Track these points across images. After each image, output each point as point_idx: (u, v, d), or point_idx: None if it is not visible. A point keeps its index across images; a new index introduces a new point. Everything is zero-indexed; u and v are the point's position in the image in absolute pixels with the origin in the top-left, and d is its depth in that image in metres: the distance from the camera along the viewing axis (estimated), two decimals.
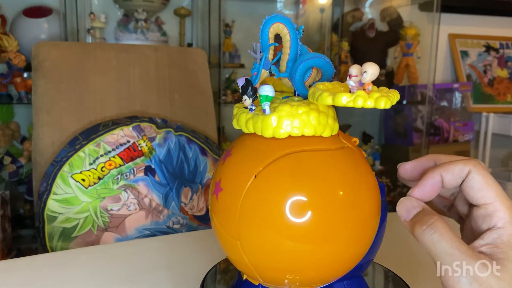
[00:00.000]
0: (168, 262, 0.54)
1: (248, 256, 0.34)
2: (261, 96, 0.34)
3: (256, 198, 0.33)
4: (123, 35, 1.64)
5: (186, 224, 0.92)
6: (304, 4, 1.93)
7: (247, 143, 0.36)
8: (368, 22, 1.93)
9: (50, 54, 0.94)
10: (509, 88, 2.25)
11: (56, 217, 0.84)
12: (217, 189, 0.35)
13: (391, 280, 0.45)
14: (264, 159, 0.34)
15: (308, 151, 0.34)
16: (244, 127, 0.35)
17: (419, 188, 0.32)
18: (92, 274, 0.51)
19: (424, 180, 0.32)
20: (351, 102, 0.30)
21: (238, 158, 0.36)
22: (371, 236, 0.35)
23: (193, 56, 1.11)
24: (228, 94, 1.74)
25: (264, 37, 0.38)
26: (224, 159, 0.37)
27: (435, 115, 2.02)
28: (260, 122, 0.34)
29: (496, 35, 2.28)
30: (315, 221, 0.32)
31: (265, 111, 0.34)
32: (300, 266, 0.34)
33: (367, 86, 0.31)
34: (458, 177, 0.31)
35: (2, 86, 1.45)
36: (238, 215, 0.33)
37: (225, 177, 0.35)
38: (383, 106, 0.30)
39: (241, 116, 0.36)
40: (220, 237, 0.36)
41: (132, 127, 0.91)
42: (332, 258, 0.34)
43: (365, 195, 0.34)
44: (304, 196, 0.32)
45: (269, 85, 0.34)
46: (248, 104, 0.35)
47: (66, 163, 0.85)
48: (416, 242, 0.31)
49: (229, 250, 0.36)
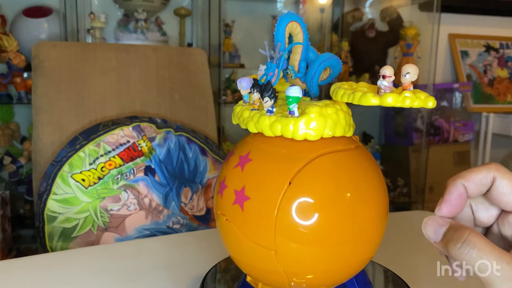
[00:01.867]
0: (168, 262, 0.54)
1: (284, 264, 0.33)
2: (290, 98, 0.33)
3: (295, 205, 0.32)
4: (123, 35, 1.64)
5: (186, 224, 0.92)
6: (304, 4, 1.93)
7: (271, 148, 0.34)
8: (368, 22, 1.93)
9: (50, 54, 0.94)
10: (509, 88, 2.25)
11: (56, 217, 0.84)
12: (240, 198, 0.33)
13: (391, 280, 0.45)
14: (296, 163, 0.32)
15: (337, 151, 0.34)
16: (268, 131, 0.33)
17: (445, 203, 0.30)
18: (92, 274, 0.51)
19: (448, 195, 0.30)
20: (399, 102, 0.30)
21: (263, 163, 0.34)
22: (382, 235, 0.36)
23: (193, 56, 1.11)
24: (228, 94, 1.74)
25: (280, 35, 0.36)
26: (242, 165, 0.34)
27: (435, 115, 2.02)
28: (291, 125, 0.32)
29: (496, 35, 2.28)
30: (352, 221, 0.33)
31: (294, 113, 0.33)
32: (331, 268, 0.34)
33: (409, 86, 0.30)
34: (482, 185, 0.30)
35: (2, 86, 1.45)
36: (274, 224, 0.32)
37: (250, 185, 0.33)
38: (431, 105, 0.30)
39: (261, 118, 0.34)
40: (246, 247, 0.34)
41: (132, 127, 0.91)
42: (358, 257, 0.35)
43: (381, 193, 0.35)
44: (344, 198, 0.32)
45: (297, 86, 0.33)
46: (269, 106, 0.34)
47: (66, 163, 0.85)
48: (416, 242, 0.31)
49: (259, 260, 0.34)
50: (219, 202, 0.36)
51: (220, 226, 0.37)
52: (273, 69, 0.36)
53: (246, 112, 0.36)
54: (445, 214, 0.30)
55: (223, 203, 0.35)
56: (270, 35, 1.86)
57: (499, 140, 2.13)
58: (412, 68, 0.30)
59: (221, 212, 0.35)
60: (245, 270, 0.38)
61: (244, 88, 0.37)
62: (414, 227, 0.64)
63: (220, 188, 0.36)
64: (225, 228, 0.35)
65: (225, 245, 0.38)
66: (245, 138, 0.38)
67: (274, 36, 0.36)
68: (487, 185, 0.30)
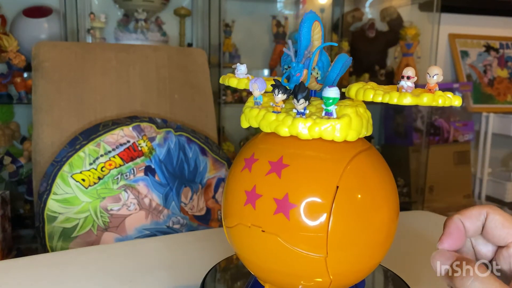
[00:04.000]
0: (168, 262, 0.54)
1: (333, 268, 0.32)
2: (330, 99, 0.32)
3: (348, 209, 0.32)
4: (123, 35, 1.64)
5: (186, 224, 0.92)
6: (304, 4, 1.93)
7: (307, 151, 0.33)
8: (368, 22, 1.93)
9: (50, 54, 0.94)
10: (509, 88, 2.25)
11: (56, 217, 0.84)
12: (284, 206, 0.31)
13: (391, 280, 0.45)
14: (339, 165, 0.32)
15: (365, 150, 0.35)
16: (307, 133, 0.32)
17: (446, 237, 0.32)
18: (92, 274, 0.51)
19: (448, 229, 0.32)
20: (434, 101, 0.31)
21: (304, 168, 0.33)
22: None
23: (193, 56, 1.11)
24: (228, 94, 1.74)
25: (307, 35, 0.35)
26: (277, 172, 0.32)
27: (435, 115, 2.02)
28: (332, 126, 0.32)
29: (496, 35, 2.28)
30: (390, 217, 0.34)
31: (332, 114, 0.32)
32: (369, 265, 0.35)
33: (435, 87, 0.32)
34: (477, 221, 0.32)
35: (2, 86, 1.45)
36: (328, 230, 0.31)
37: (294, 192, 0.32)
38: (457, 104, 0.32)
39: (295, 122, 0.32)
40: (288, 257, 0.32)
41: (132, 127, 0.91)
42: (383, 254, 0.36)
43: (395, 191, 0.36)
44: (383, 195, 0.34)
45: (335, 87, 0.32)
46: (302, 108, 0.32)
47: (66, 163, 0.85)
48: (416, 242, 0.31)
49: (301, 268, 0.33)
50: (248, 214, 0.33)
51: (249, 239, 0.34)
52: (300, 69, 0.34)
53: (271, 115, 0.33)
54: (447, 247, 0.32)
55: (258, 214, 0.33)
56: (270, 35, 1.86)
57: (499, 140, 2.13)
58: (439, 69, 0.32)
59: (254, 224, 0.33)
60: (270, 280, 0.36)
61: (259, 89, 0.35)
62: (414, 227, 0.64)
63: (250, 198, 0.33)
64: (259, 240, 0.33)
65: (249, 258, 0.35)
66: (261, 143, 0.36)
67: (300, 35, 0.35)
68: (482, 221, 0.32)
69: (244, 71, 0.39)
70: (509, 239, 0.31)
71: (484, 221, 0.32)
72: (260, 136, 0.37)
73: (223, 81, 0.39)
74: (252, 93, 0.35)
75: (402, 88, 0.32)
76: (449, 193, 2.00)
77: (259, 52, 1.90)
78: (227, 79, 0.39)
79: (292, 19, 1.93)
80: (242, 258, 0.37)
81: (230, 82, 0.38)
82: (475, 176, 2.15)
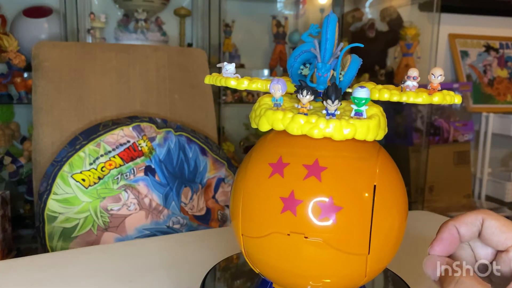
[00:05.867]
0: (168, 262, 0.54)
1: (371, 266, 0.33)
2: (363, 99, 0.32)
3: (385, 207, 0.33)
4: (123, 35, 1.64)
5: (186, 224, 0.92)
6: (304, 4, 1.93)
7: (340, 152, 0.33)
8: (368, 22, 1.93)
9: (50, 54, 0.94)
10: (509, 88, 2.25)
11: (56, 217, 0.84)
12: (330, 210, 0.31)
13: (391, 280, 0.45)
14: (373, 164, 0.33)
15: (380, 148, 0.36)
16: (339, 135, 0.32)
17: (437, 242, 0.32)
18: (92, 274, 0.51)
19: (440, 234, 0.33)
20: (445, 100, 0.33)
21: (342, 170, 0.32)
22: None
23: (193, 56, 1.11)
24: (228, 94, 1.74)
25: (332, 36, 0.34)
26: (316, 175, 0.32)
27: (435, 115, 2.02)
28: (369, 127, 0.32)
29: (496, 35, 2.28)
30: (407, 211, 0.36)
31: (363, 115, 0.32)
32: (388, 262, 0.36)
33: (438, 86, 0.34)
34: (473, 226, 0.32)
35: (2, 86, 1.45)
36: (371, 228, 0.32)
37: (339, 195, 0.31)
38: (457, 101, 0.34)
39: (330, 122, 0.32)
40: (331, 260, 0.32)
41: (132, 127, 0.91)
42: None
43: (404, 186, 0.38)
44: (402, 190, 0.36)
45: (366, 87, 0.32)
46: (334, 109, 0.32)
47: (66, 163, 0.85)
48: (416, 242, 0.31)
49: (343, 268, 0.33)
50: (287, 221, 0.32)
51: (286, 247, 0.33)
52: (328, 70, 0.34)
53: (300, 118, 0.32)
54: (437, 252, 0.32)
55: (299, 220, 0.31)
56: (270, 35, 1.87)
57: (499, 140, 2.13)
58: (442, 70, 0.34)
59: (294, 231, 0.32)
60: (301, 285, 0.35)
61: (283, 91, 0.33)
62: (414, 227, 0.64)
63: (288, 205, 0.32)
64: (299, 247, 0.32)
65: (282, 267, 0.34)
66: (286, 145, 0.34)
67: (325, 36, 0.34)
68: (478, 227, 0.32)
69: (232, 70, 0.37)
70: (508, 244, 0.31)
71: (480, 226, 0.32)
72: (275, 138, 0.35)
73: (209, 81, 0.38)
74: (273, 94, 0.34)
75: (407, 88, 0.33)
76: (449, 193, 2.00)
77: (259, 52, 1.90)
78: (218, 79, 0.38)
79: (292, 19, 1.93)
80: (268, 267, 0.35)
81: (227, 83, 0.37)
82: (475, 176, 2.15)
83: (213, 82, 0.38)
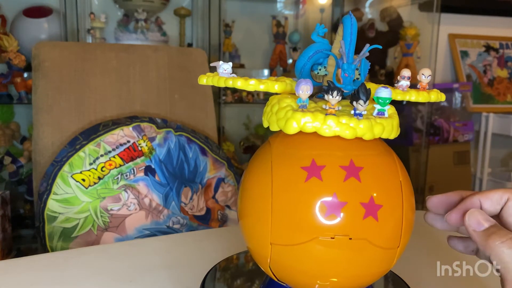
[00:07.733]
0: (168, 262, 0.54)
1: (398, 258, 0.35)
2: (386, 99, 0.33)
3: (409, 201, 0.34)
4: (123, 35, 1.64)
5: (186, 224, 0.92)
6: (304, 4, 1.93)
7: (369, 151, 0.34)
8: (368, 22, 1.93)
9: (50, 54, 0.94)
10: (509, 88, 2.25)
11: (56, 217, 0.84)
12: (372, 209, 0.31)
13: (391, 280, 0.45)
14: (395, 161, 0.35)
15: (387, 146, 0.37)
16: (370, 134, 0.32)
17: (458, 211, 0.33)
18: (92, 274, 0.51)
19: (463, 204, 0.33)
20: (439, 98, 0.36)
21: (376, 168, 0.33)
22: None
23: (193, 56, 1.11)
24: (228, 94, 1.74)
25: (354, 36, 0.35)
26: (355, 176, 0.32)
27: (435, 115, 2.02)
28: (391, 125, 0.34)
29: (496, 35, 2.28)
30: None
31: (385, 114, 0.33)
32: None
33: (426, 85, 0.35)
34: (497, 204, 0.32)
35: (2, 86, 1.45)
36: (402, 224, 0.33)
37: (378, 193, 0.32)
38: (443, 99, 0.37)
39: (359, 123, 0.32)
40: (369, 257, 0.33)
41: (132, 127, 0.91)
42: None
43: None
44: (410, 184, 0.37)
45: (388, 87, 0.33)
46: (364, 109, 0.32)
47: (66, 163, 0.85)
48: (416, 242, 0.31)
49: (378, 263, 0.34)
50: (331, 225, 0.31)
51: (329, 250, 0.32)
52: (353, 70, 0.34)
53: (330, 119, 0.32)
54: (452, 221, 0.33)
55: (344, 222, 0.31)
56: (270, 35, 1.87)
57: (499, 140, 2.13)
58: (428, 71, 0.36)
59: (339, 234, 0.31)
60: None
61: (310, 92, 0.33)
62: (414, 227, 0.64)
63: (332, 208, 0.31)
64: (343, 249, 0.32)
65: (322, 271, 0.33)
66: (315, 148, 0.34)
67: (348, 36, 0.34)
68: (501, 205, 0.32)
69: (229, 70, 0.36)
70: None
71: (504, 205, 0.32)
72: (301, 140, 0.34)
73: (203, 81, 0.37)
74: (299, 95, 0.33)
75: (400, 87, 0.35)
76: None
77: (259, 52, 1.90)
78: (214, 79, 0.37)
79: (292, 19, 1.93)
80: (301, 274, 0.34)
81: (227, 83, 0.36)
82: (475, 176, 2.15)
83: (214, 83, 0.37)
